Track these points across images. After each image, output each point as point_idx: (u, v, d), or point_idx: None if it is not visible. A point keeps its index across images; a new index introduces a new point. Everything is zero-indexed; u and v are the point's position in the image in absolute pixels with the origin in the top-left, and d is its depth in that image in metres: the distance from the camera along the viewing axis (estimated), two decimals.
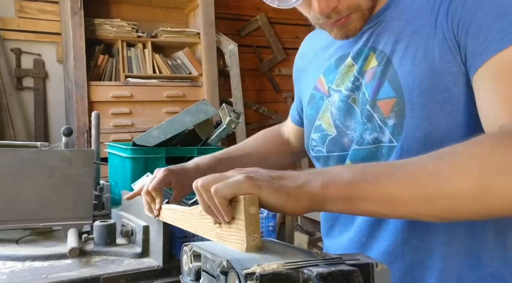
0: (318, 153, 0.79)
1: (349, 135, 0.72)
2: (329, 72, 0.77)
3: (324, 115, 0.77)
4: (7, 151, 1.03)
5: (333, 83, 0.75)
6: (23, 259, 0.89)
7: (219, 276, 0.50)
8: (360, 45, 0.71)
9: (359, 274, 0.44)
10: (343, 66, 0.74)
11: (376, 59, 0.68)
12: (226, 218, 0.51)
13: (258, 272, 0.43)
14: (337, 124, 0.74)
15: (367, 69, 0.69)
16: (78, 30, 2.53)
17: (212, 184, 0.50)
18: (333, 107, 0.74)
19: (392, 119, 0.65)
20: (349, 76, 0.72)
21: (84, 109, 2.54)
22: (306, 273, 0.44)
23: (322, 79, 0.78)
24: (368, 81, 0.68)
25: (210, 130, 1.50)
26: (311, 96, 0.80)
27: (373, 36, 0.69)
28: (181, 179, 0.85)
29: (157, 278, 0.85)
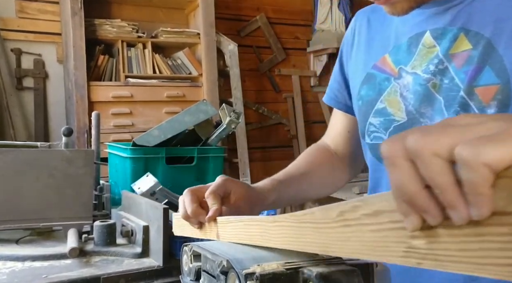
0: (375, 141, 0.71)
1: (422, 124, 0.64)
2: (398, 51, 0.69)
3: (390, 98, 0.68)
4: (7, 151, 1.03)
5: (407, 65, 0.67)
6: (23, 259, 0.89)
7: (219, 276, 0.50)
8: (445, 24, 0.63)
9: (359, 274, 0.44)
10: (420, 46, 0.66)
11: (470, 41, 0.60)
12: (482, 213, 0.24)
13: (258, 272, 0.43)
14: (410, 110, 0.65)
15: (456, 52, 0.62)
16: (79, 30, 2.53)
17: (450, 139, 0.26)
18: (405, 90, 0.66)
19: (492, 108, 0.57)
20: (430, 58, 0.64)
21: (84, 109, 2.54)
22: (306, 273, 0.44)
23: (387, 58, 0.70)
24: (460, 66, 0.61)
25: (210, 130, 1.50)
26: (368, 75, 0.72)
27: (463, 15, 0.61)
28: (245, 193, 0.69)
29: (157, 278, 0.85)
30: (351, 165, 0.89)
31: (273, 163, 3.48)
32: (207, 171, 1.47)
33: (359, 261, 0.48)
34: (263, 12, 3.58)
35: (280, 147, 3.61)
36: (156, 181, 1.19)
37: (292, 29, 3.68)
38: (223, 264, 0.49)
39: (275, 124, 3.63)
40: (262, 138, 3.57)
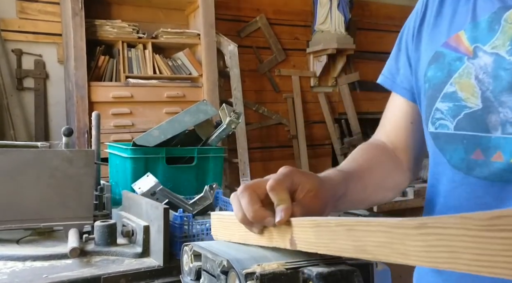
0: (440, 129, 0.61)
1: (500, 114, 0.55)
2: (475, 27, 0.59)
3: (463, 81, 0.59)
4: (8, 152, 1.04)
5: (486, 44, 0.57)
6: (24, 259, 0.89)
7: (220, 275, 0.50)
8: None
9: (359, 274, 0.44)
10: (503, 22, 0.56)
11: None
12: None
13: (258, 271, 0.43)
14: (487, 96, 0.56)
15: None
16: (79, 31, 2.53)
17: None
18: (482, 72, 0.57)
19: None
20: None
21: (85, 110, 2.54)
22: (306, 272, 0.44)
23: (462, 35, 0.60)
24: None
25: (210, 130, 1.50)
26: (437, 54, 0.62)
27: None
28: (315, 185, 0.52)
29: (157, 278, 0.86)
30: (415, 164, 0.74)
31: (273, 163, 3.48)
32: (207, 171, 1.48)
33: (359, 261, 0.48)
34: (263, 13, 3.58)
35: (280, 147, 3.61)
36: (156, 181, 1.19)
37: (291, 29, 3.68)
38: (223, 264, 0.49)
39: (275, 124, 3.63)
40: (262, 138, 3.58)
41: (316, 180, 0.54)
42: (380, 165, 0.70)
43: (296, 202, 0.50)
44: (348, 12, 3.58)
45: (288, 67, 3.67)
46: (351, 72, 3.86)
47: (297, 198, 0.51)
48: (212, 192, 1.27)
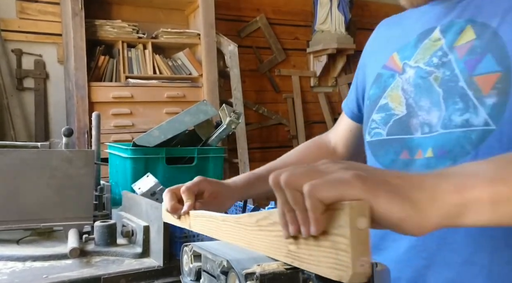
0: (375, 137, 0.70)
1: (419, 117, 0.63)
2: (405, 48, 0.68)
3: (393, 93, 0.67)
4: (8, 152, 1.04)
5: (410, 59, 0.66)
6: (23, 259, 0.89)
7: (219, 276, 0.50)
8: (453, 17, 0.63)
9: None
10: (427, 40, 0.65)
11: (475, 32, 0.59)
12: (314, 231, 0.36)
13: (258, 272, 0.43)
14: (410, 103, 0.65)
15: (460, 44, 0.61)
16: (79, 31, 2.53)
17: (304, 180, 0.36)
18: (407, 84, 0.66)
19: (492, 97, 0.55)
20: (434, 51, 0.63)
21: (85, 110, 2.54)
22: (306, 273, 0.44)
23: (395, 56, 0.70)
24: (461, 56, 0.60)
25: (210, 130, 1.50)
26: (378, 75, 0.72)
27: (471, 7, 0.61)
28: (217, 190, 0.75)
29: (157, 278, 0.86)
30: (351, 159, 0.90)
31: None
32: (207, 171, 1.48)
33: None
34: (263, 13, 3.58)
35: (280, 148, 3.61)
36: (156, 182, 1.19)
37: (292, 29, 3.68)
38: (223, 264, 0.49)
39: (275, 124, 3.63)
40: (262, 138, 3.57)
41: (217, 186, 0.76)
42: (309, 157, 0.88)
43: (201, 201, 0.71)
44: (348, 12, 3.58)
45: (288, 67, 3.67)
46: (351, 72, 3.86)
47: (203, 198, 0.73)
48: None
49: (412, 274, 0.62)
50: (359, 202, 0.34)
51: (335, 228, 0.35)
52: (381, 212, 0.35)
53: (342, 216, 0.35)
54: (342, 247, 0.35)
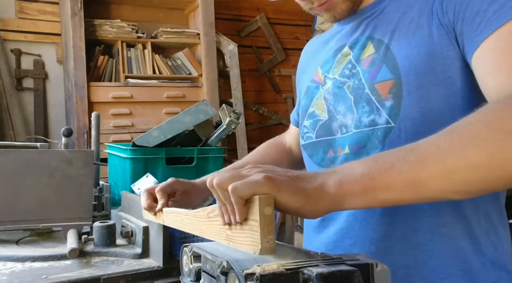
0: (307, 140, 0.81)
1: (338, 120, 0.75)
2: (326, 63, 0.81)
3: (317, 102, 0.80)
4: (7, 152, 1.03)
5: (329, 72, 0.79)
6: (23, 260, 0.89)
7: (219, 276, 0.50)
8: (357, 35, 0.76)
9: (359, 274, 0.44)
10: (339, 55, 0.78)
11: (374, 47, 0.72)
12: (239, 219, 0.49)
13: (258, 272, 0.43)
14: (330, 109, 0.77)
15: (364, 57, 0.73)
16: (78, 31, 2.53)
17: (229, 182, 0.49)
18: (327, 93, 0.78)
19: (389, 100, 0.67)
20: (345, 64, 0.76)
21: (84, 110, 2.54)
22: (306, 273, 0.44)
23: (319, 71, 0.82)
24: (366, 67, 0.72)
25: (210, 130, 1.50)
26: (307, 88, 0.84)
27: (370, 26, 0.74)
28: (188, 189, 0.85)
29: (157, 278, 0.85)
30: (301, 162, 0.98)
31: None
32: (207, 171, 1.47)
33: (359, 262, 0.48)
34: (263, 13, 3.58)
35: None
36: (156, 182, 1.19)
37: (292, 29, 3.68)
38: (223, 264, 0.49)
39: (275, 124, 3.63)
40: (262, 138, 3.56)
41: (188, 185, 0.86)
42: (271, 160, 0.98)
43: (173, 200, 0.81)
44: None
45: (288, 67, 3.67)
46: None
47: (174, 197, 0.82)
48: None
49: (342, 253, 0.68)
50: (266, 196, 0.47)
51: (251, 215, 0.48)
52: (282, 202, 0.48)
53: (254, 206, 0.47)
54: (255, 229, 0.47)
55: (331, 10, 0.74)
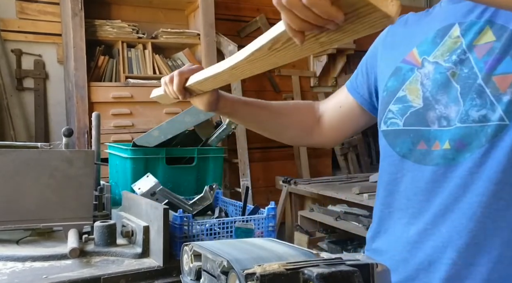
0: (391, 127, 0.74)
1: (436, 110, 0.68)
2: (425, 43, 0.72)
3: (411, 86, 0.72)
4: (8, 152, 1.03)
5: (430, 55, 0.70)
6: (23, 259, 0.89)
7: (220, 276, 0.50)
8: (474, 17, 0.66)
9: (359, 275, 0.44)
10: (447, 37, 0.69)
11: (494, 34, 0.63)
12: (339, 17, 0.41)
13: (258, 272, 0.43)
14: (427, 96, 0.69)
15: (479, 43, 0.65)
16: (79, 31, 2.53)
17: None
18: (425, 78, 0.70)
19: (508, 95, 0.60)
20: (454, 49, 0.67)
21: (85, 110, 2.54)
22: (307, 273, 0.44)
23: (415, 51, 0.74)
24: (481, 56, 0.64)
25: (210, 130, 1.50)
26: (397, 69, 0.76)
27: (491, 8, 0.65)
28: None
29: (157, 278, 0.86)
30: (332, 129, 0.92)
31: (273, 163, 3.48)
32: (207, 171, 1.48)
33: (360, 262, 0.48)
34: (263, 13, 3.58)
35: (280, 148, 3.60)
36: (156, 182, 1.19)
37: None
38: (223, 264, 0.49)
39: None
40: (262, 138, 3.56)
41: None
42: (295, 111, 0.93)
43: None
44: None
45: (288, 67, 3.67)
46: (351, 72, 3.85)
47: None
48: (212, 192, 1.27)
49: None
50: None
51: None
52: None
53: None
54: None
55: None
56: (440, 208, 0.65)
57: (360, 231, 2.24)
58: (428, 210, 0.67)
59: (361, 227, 2.25)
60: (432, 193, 0.67)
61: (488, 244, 0.62)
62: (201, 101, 0.85)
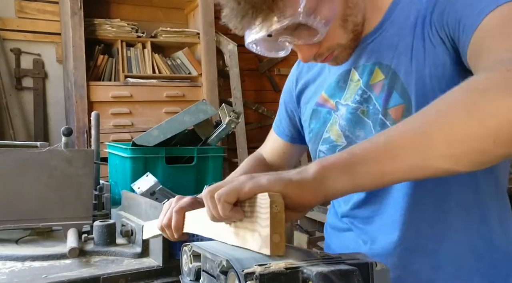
0: None
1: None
2: (331, 88, 0.81)
3: (332, 127, 0.80)
4: (7, 151, 1.03)
5: (341, 98, 0.79)
6: (23, 259, 0.89)
7: (219, 276, 0.50)
8: (363, 62, 0.76)
9: (358, 274, 0.44)
10: (349, 81, 0.78)
11: (382, 72, 0.73)
12: (237, 218, 0.52)
13: (257, 271, 0.43)
14: (347, 134, 0.77)
15: (374, 82, 0.74)
16: (78, 30, 2.52)
17: (217, 190, 0.51)
18: (341, 119, 0.78)
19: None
20: (357, 90, 0.76)
21: (84, 109, 2.54)
22: (306, 272, 0.44)
23: (324, 95, 0.82)
24: (378, 93, 0.73)
25: (209, 130, 1.50)
26: (314, 111, 0.84)
27: (375, 53, 0.74)
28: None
29: (157, 278, 0.85)
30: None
31: None
32: (207, 170, 1.48)
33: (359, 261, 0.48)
34: None
35: None
36: (156, 181, 1.19)
37: None
38: (222, 264, 0.49)
39: None
40: (261, 137, 3.55)
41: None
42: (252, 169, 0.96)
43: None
44: None
45: (288, 66, 3.67)
46: None
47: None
48: None
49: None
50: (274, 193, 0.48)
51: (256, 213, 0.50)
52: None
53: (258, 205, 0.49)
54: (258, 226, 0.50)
55: (334, 60, 0.75)
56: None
57: None
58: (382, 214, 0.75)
59: None
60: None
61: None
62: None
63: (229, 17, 0.66)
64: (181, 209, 0.70)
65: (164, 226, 0.71)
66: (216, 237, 0.59)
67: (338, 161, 0.50)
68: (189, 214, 0.69)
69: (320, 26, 0.65)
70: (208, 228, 0.61)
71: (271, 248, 0.46)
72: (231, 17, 0.66)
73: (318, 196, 0.50)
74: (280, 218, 0.47)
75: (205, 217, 0.56)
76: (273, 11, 0.63)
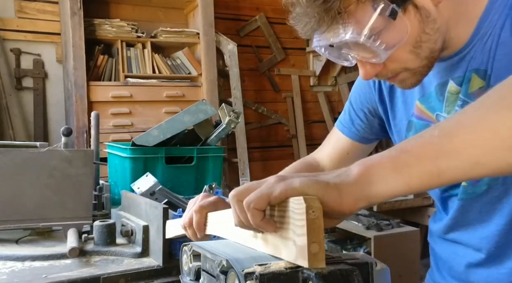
0: None
1: None
2: (429, 99, 0.76)
3: None
4: (7, 151, 1.03)
5: (442, 111, 0.75)
6: (23, 259, 0.89)
7: (219, 275, 0.50)
8: (462, 72, 0.71)
9: (358, 273, 0.44)
10: (447, 94, 0.74)
11: (481, 78, 0.68)
12: (269, 230, 0.47)
13: (257, 271, 0.43)
14: None
15: (473, 90, 0.69)
16: (78, 30, 2.52)
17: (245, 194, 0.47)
18: None
19: None
20: (455, 102, 0.72)
21: (84, 109, 2.54)
22: (306, 272, 0.44)
23: (420, 106, 0.77)
24: None
25: (209, 130, 1.50)
26: (411, 123, 0.80)
27: (468, 60, 0.70)
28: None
29: (157, 277, 0.85)
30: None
31: (272, 162, 3.48)
32: (207, 170, 1.48)
33: (359, 261, 0.48)
34: (262, 12, 3.58)
35: (279, 147, 3.61)
36: (155, 181, 1.19)
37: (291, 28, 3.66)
38: (222, 263, 0.49)
39: (274, 123, 3.63)
40: (261, 137, 3.57)
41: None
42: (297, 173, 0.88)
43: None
44: None
45: (287, 66, 3.67)
46: (350, 72, 3.86)
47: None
48: (211, 191, 1.26)
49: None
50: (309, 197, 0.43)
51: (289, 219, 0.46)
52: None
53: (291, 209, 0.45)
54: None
55: (400, 83, 0.71)
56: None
57: (360, 230, 2.24)
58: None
59: (360, 227, 2.26)
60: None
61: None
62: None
63: (296, 20, 0.64)
64: (201, 208, 0.66)
65: (186, 225, 0.68)
66: (244, 242, 0.55)
67: (387, 160, 0.45)
68: (212, 215, 0.65)
69: (380, 50, 0.61)
70: (234, 232, 0.57)
71: (309, 259, 0.41)
72: (297, 21, 0.64)
73: (360, 201, 0.45)
74: (318, 225, 0.42)
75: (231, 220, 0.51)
76: (337, 23, 0.60)
